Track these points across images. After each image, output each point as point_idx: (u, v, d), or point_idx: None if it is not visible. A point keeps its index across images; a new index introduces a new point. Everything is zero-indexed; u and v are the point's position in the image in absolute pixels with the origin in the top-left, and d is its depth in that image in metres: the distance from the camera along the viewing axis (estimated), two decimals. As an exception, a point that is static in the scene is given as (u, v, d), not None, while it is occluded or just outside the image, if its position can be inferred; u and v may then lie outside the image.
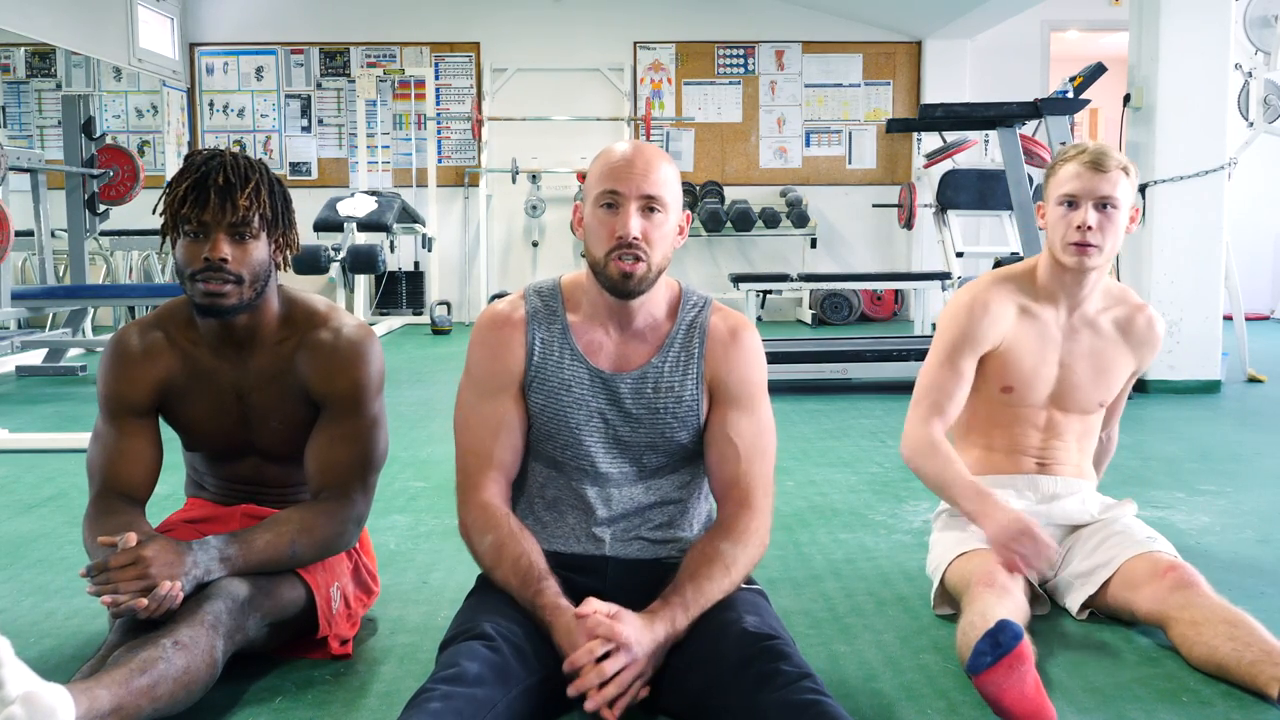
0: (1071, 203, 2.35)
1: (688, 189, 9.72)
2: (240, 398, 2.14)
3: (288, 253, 2.12)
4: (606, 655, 1.75)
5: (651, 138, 9.79)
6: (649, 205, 1.91)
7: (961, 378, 2.44)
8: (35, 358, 6.73)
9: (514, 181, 9.63)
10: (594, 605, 1.79)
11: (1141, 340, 2.49)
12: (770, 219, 9.41)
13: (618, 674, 1.74)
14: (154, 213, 2.09)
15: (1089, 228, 2.32)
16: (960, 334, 2.44)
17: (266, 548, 2.00)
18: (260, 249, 2.04)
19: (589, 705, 1.73)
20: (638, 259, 1.91)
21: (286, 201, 2.10)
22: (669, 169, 1.95)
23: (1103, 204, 2.33)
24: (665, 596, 1.86)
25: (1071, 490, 2.48)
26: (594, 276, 1.97)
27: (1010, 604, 2.11)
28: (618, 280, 1.92)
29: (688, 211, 2.02)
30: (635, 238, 1.89)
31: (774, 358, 3.87)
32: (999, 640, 1.79)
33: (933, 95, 9.60)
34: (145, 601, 1.80)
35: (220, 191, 1.97)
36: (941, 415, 2.45)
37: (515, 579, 1.89)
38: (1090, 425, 2.54)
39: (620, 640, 1.74)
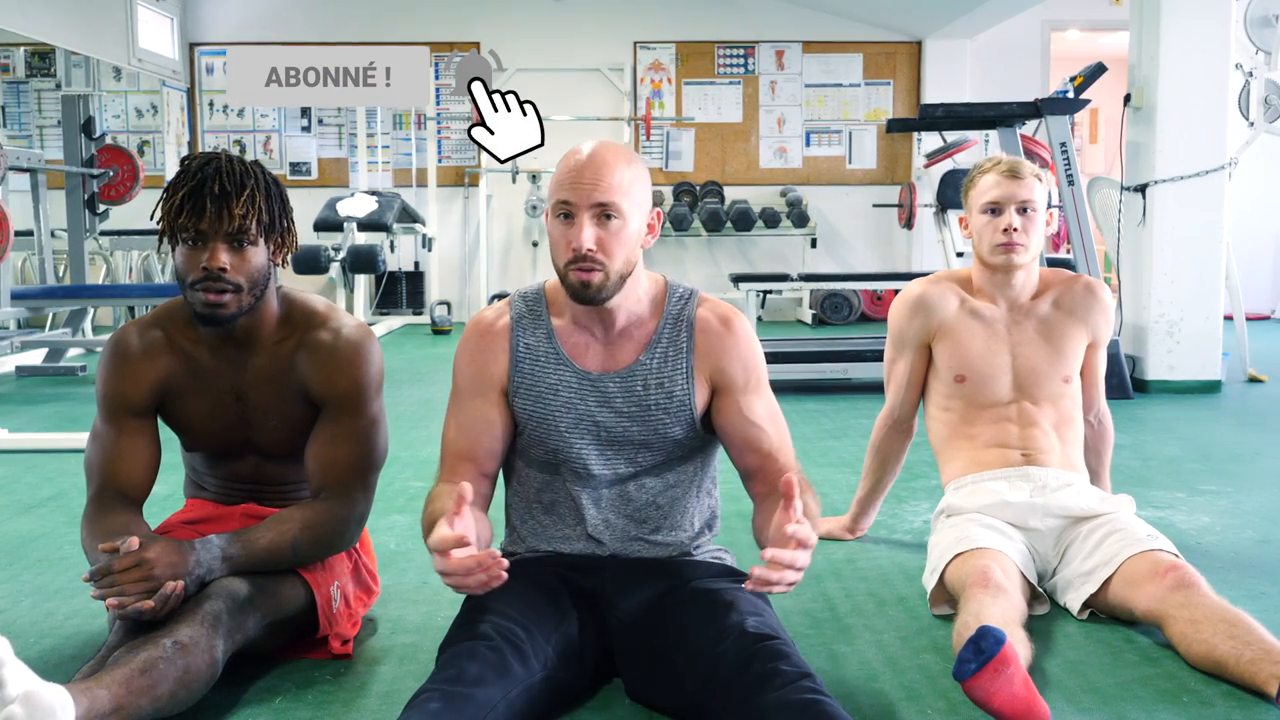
0: (995, 209, 2.56)
1: (688, 189, 9.72)
2: (239, 397, 2.14)
3: (287, 253, 2.12)
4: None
5: (651, 138, 9.80)
6: (603, 213, 1.87)
7: (906, 368, 2.71)
8: (35, 358, 6.73)
9: (514, 181, 9.63)
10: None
11: (1084, 306, 2.62)
12: (770, 219, 9.41)
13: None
14: (151, 219, 2.09)
15: (1014, 229, 2.53)
16: (897, 327, 2.71)
17: (269, 546, 2.00)
18: (259, 255, 2.04)
19: None
20: (593, 269, 1.89)
21: (284, 202, 2.09)
22: (625, 171, 1.89)
23: (1023, 208, 2.55)
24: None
25: (1065, 482, 2.50)
26: (560, 284, 1.96)
27: (1006, 604, 2.11)
28: (578, 289, 1.91)
29: (658, 209, 1.99)
30: (590, 249, 1.87)
31: (774, 358, 3.84)
32: (981, 647, 1.80)
33: (933, 95, 9.60)
34: (151, 603, 1.80)
35: (216, 200, 1.96)
36: (889, 405, 2.79)
37: (426, 522, 1.85)
38: (1065, 413, 2.59)
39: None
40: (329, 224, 8.28)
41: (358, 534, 2.17)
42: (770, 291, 9.38)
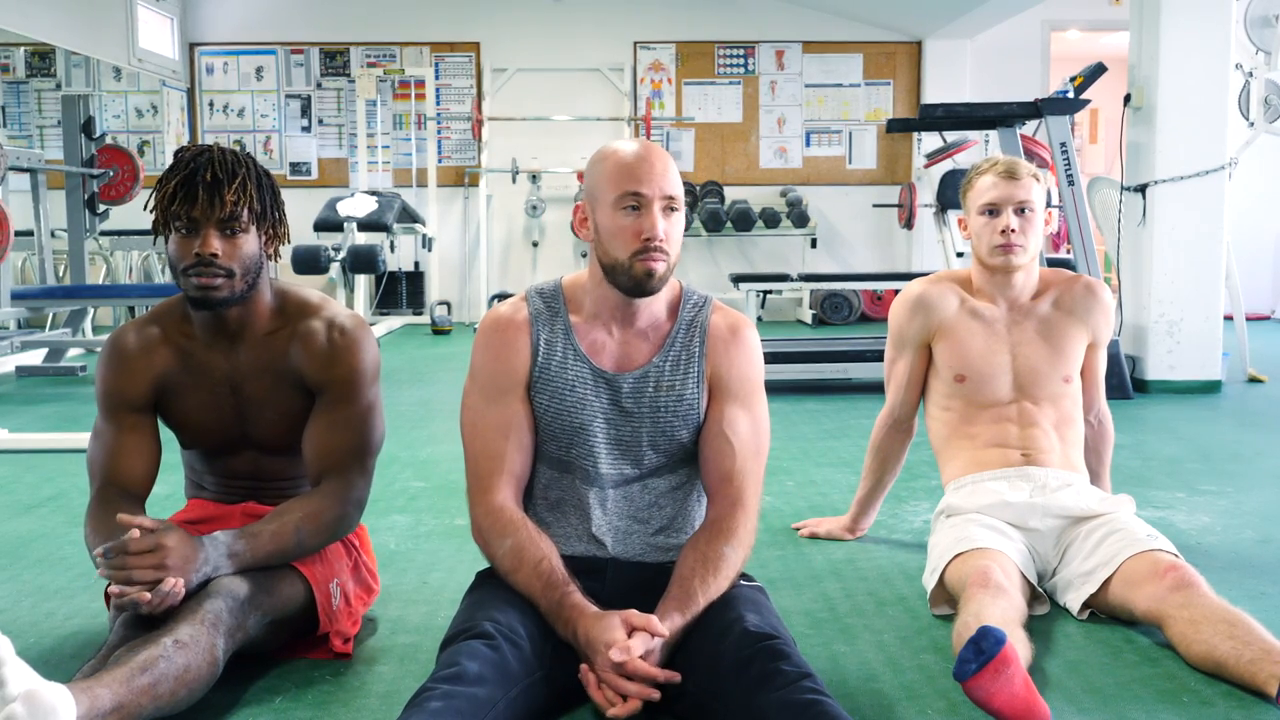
0: (993, 211, 2.57)
1: (688, 189, 9.72)
2: (234, 390, 2.15)
3: (279, 244, 2.14)
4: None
5: (652, 138, 9.79)
6: (670, 205, 1.94)
7: (906, 367, 2.71)
8: (35, 358, 6.73)
9: (514, 181, 9.63)
10: (634, 651, 1.76)
11: (1083, 306, 2.63)
12: (770, 219, 9.41)
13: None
14: (145, 209, 2.10)
15: (1012, 230, 2.53)
16: (898, 327, 2.71)
17: (272, 539, 2.01)
18: (250, 242, 2.06)
19: None
20: (662, 257, 1.93)
21: (275, 194, 2.12)
22: (675, 169, 1.99)
23: (1020, 209, 2.55)
24: (680, 605, 1.86)
25: (1065, 482, 2.51)
26: (610, 278, 1.97)
27: (1005, 604, 2.11)
28: (642, 279, 1.93)
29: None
30: (662, 239, 1.91)
31: (774, 358, 3.85)
32: (981, 647, 1.81)
33: (933, 95, 9.60)
34: (149, 596, 1.80)
35: (208, 188, 1.99)
36: (889, 405, 2.79)
37: (538, 583, 1.88)
38: (1065, 413, 2.60)
39: (651, 697, 1.77)
40: (329, 224, 8.28)
41: (358, 518, 2.19)
42: (770, 291, 9.39)
